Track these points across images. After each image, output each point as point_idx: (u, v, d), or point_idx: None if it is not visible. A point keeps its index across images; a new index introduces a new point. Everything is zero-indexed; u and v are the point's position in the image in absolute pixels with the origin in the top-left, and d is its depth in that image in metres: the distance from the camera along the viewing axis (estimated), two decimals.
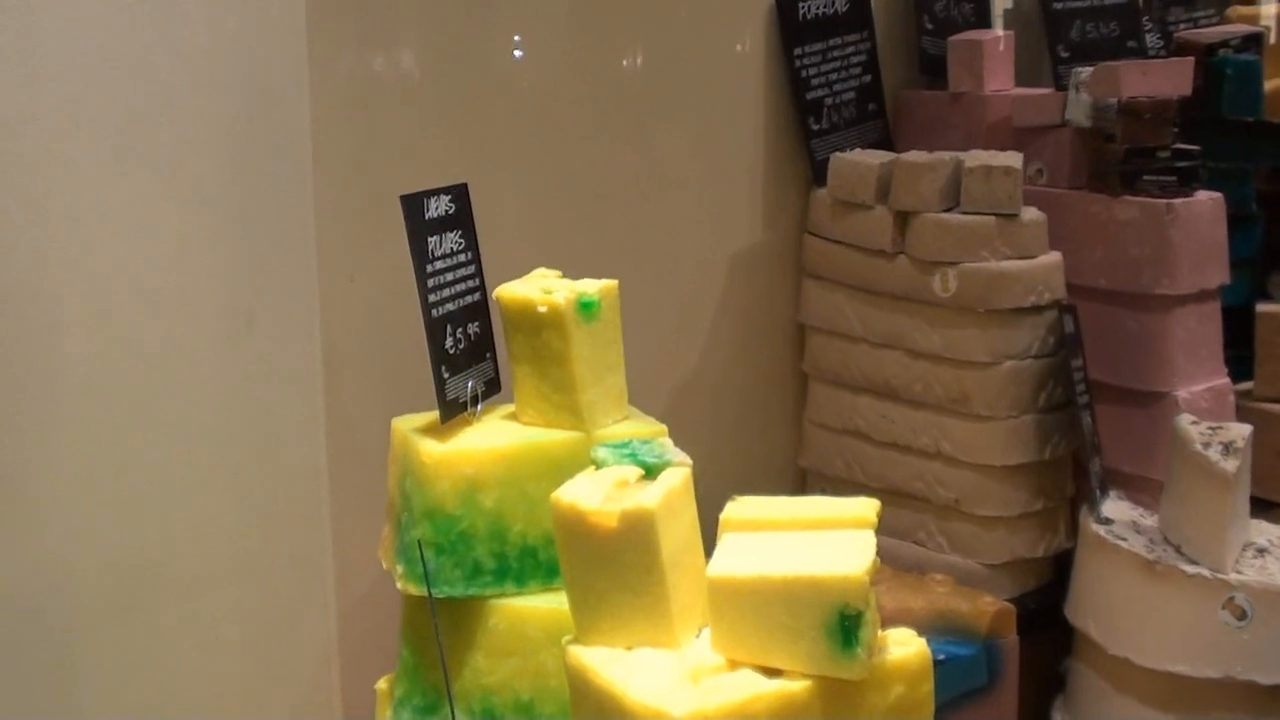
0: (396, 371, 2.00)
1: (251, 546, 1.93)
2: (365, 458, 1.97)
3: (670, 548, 1.50)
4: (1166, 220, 2.46)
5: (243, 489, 1.91)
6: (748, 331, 2.69)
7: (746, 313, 2.68)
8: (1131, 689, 2.28)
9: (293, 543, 1.96)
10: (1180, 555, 2.26)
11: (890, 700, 1.51)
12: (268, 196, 1.87)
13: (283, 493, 1.94)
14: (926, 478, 2.53)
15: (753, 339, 2.70)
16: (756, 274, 2.67)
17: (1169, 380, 2.51)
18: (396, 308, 1.98)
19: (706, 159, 2.56)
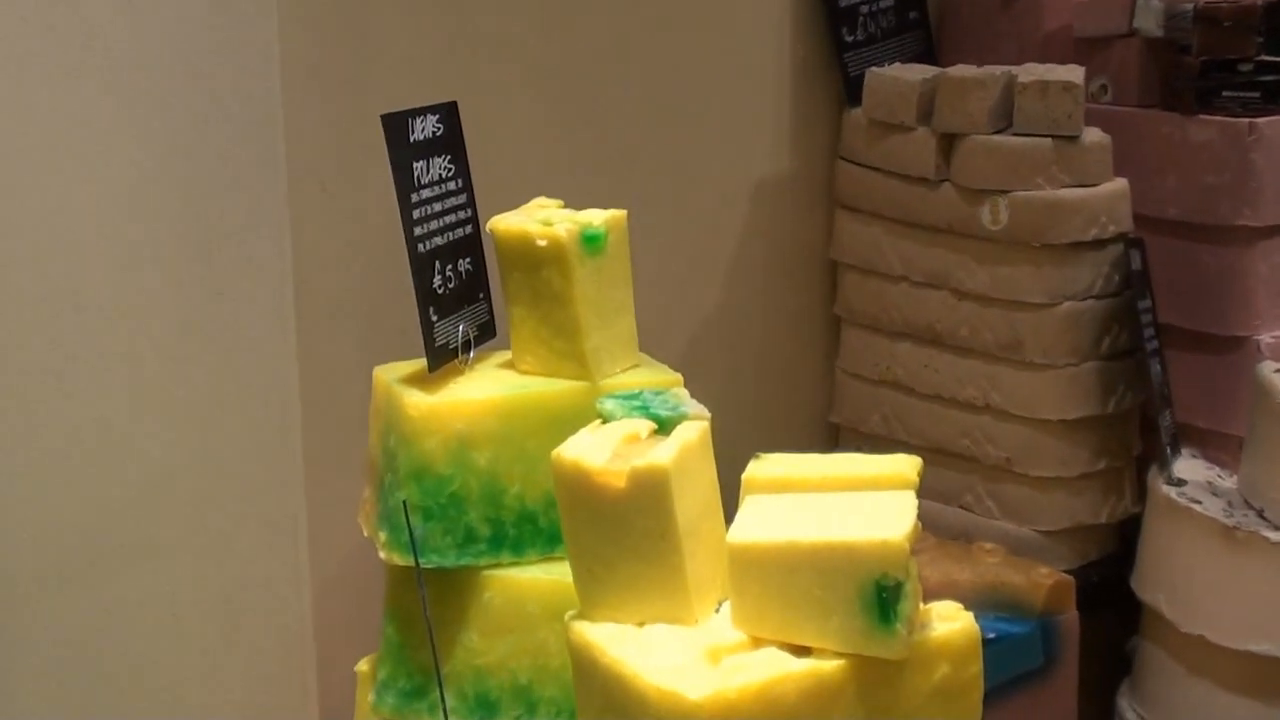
0: (378, 315, 2.01)
1: (213, 509, 1.94)
2: (343, 411, 1.98)
3: (686, 511, 1.51)
4: (1249, 142, 2.46)
5: (203, 445, 1.92)
6: (773, 270, 2.69)
7: (771, 249, 2.68)
8: (1208, 671, 2.31)
9: (261, 505, 1.97)
10: (1263, 520, 2.28)
11: (934, 682, 1.52)
12: (232, 115, 1.88)
13: (249, 449, 1.96)
14: (974, 434, 2.54)
15: (778, 278, 2.71)
16: (782, 205, 2.68)
17: (1250, 323, 2.51)
18: (378, 242, 1.98)
19: (726, 76, 2.56)
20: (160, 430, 1.89)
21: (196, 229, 1.88)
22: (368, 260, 2.03)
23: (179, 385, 1.90)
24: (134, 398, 1.87)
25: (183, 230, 1.87)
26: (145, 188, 1.83)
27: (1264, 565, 2.23)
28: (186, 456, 1.91)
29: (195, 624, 1.94)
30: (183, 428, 1.91)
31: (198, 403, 1.92)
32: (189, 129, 1.85)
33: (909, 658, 1.49)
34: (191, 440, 1.92)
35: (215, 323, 1.92)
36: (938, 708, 1.53)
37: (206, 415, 1.93)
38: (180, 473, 1.92)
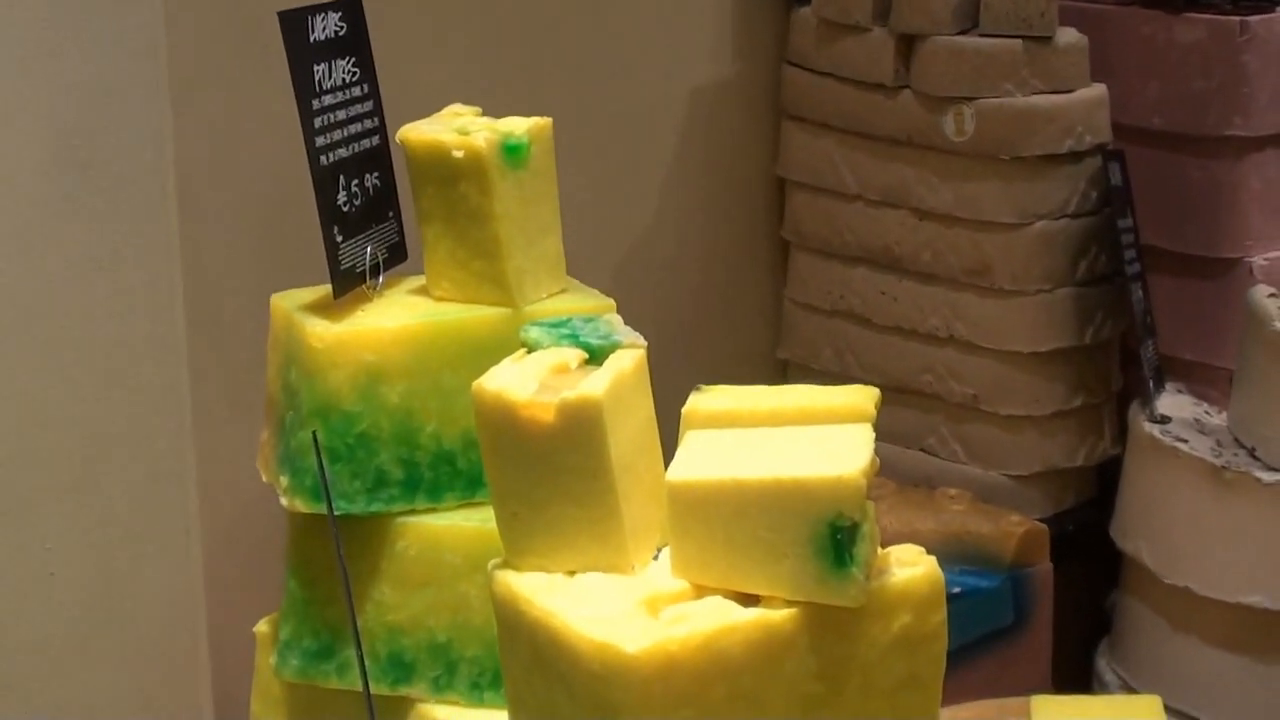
0: (274, 237, 2.03)
1: (91, 455, 1.95)
2: (236, 344, 2.01)
3: (621, 448, 1.53)
4: (1240, 42, 2.50)
5: (78, 382, 1.93)
6: (713, 188, 2.73)
7: (711, 164, 2.72)
8: (1194, 625, 2.36)
9: (144, 451, 1.98)
10: (1255, 460, 2.32)
11: (894, 632, 1.55)
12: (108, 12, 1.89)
13: (130, 387, 1.96)
14: (937, 369, 2.58)
15: (719, 198, 2.75)
16: (723, 115, 2.71)
17: (1242, 243, 2.56)
18: (271, 155, 1.99)
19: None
20: (29, 369, 1.89)
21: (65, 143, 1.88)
22: (262, 176, 2.05)
23: (50, 319, 1.91)
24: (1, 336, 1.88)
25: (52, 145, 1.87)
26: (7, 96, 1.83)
27: (1256, 509, 2.29)
28: (59, 398, 1.92)
29: (72, 582, 1.96)
30: (55, 365, 1.92)
31: (71, 338, 1.92)
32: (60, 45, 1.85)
33: (866, 606, 1.51)
34: (65, 380, 1.92)
35: (89, 250, 1.92)
36: (898, 659, 1.56)
37: (82, 350, 1.94)
38: (52, 416, 1.92)
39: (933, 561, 1.60)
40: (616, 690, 1.44)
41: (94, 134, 1.90)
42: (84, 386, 1.94)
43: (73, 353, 1.93)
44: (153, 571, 2.03)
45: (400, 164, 1.80)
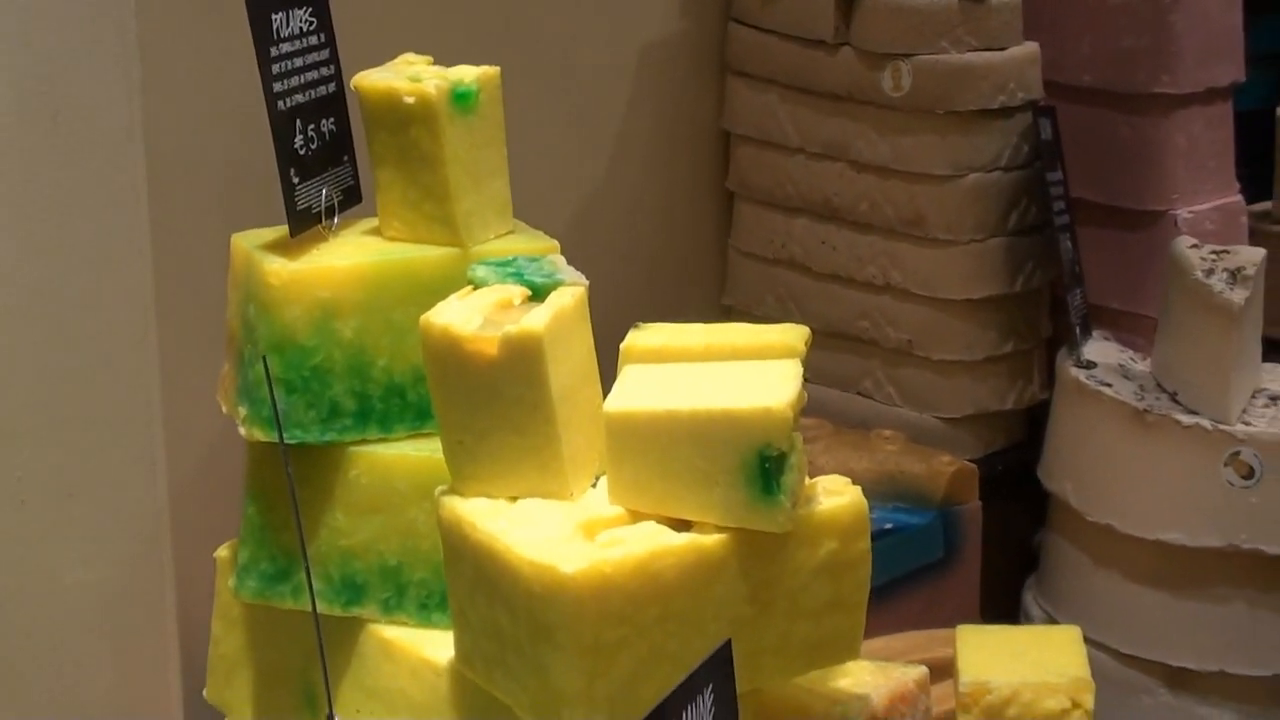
0: (236, 179, 2.06)
1: (61, 390, 1.98)
2: (198, 283, 2.03)
3: (561, 380, 1.57)
4: (1168, 3, 2.54)
5: (47, 321, 1.95)
6: (660, 140, 2.76)
7: (659, 117, 2.74)
8: (1116, 562, 2.40)
9: (111, 384, 2.01)
10: (1176, 404, 2.36)
11: (820, 557, 1.59)
12: None
13: (98, 325, 1.99)
14: (873, 315, 2.62)
15: (666, 150, 2.77)
16: (671, 70, 2.74)
17: (1168, 197, 2.60)
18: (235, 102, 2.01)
19: None
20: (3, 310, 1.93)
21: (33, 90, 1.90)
22: (226, 121, 2.07)
23: (18, 260, 1.93)
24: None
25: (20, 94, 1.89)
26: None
27: (1176, 450, 2.33)
28: (30, 337, 1.95)
29: (41, 513, 1.99)
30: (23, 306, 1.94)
31: (43, 280, 1.94)
32: None
33: (794, 532, 1.55)
34: (34, 319, 1.95)
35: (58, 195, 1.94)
36: (824, 584, 1.60)
37: (50, 292, 1.96)
38: (22, 353, 1.95)
39: (858, 491, 1.62)
40: (553, 609, 1.47)
41: (61, 83, 1.92)
42: (53, 325, 1.96)
43: (41, 293, 1.95)
44: (120, 500, 2.06)
45: (356, 111, 1.83)
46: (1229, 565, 2.33)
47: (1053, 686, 1.98)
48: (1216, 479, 2.31)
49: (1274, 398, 2.41)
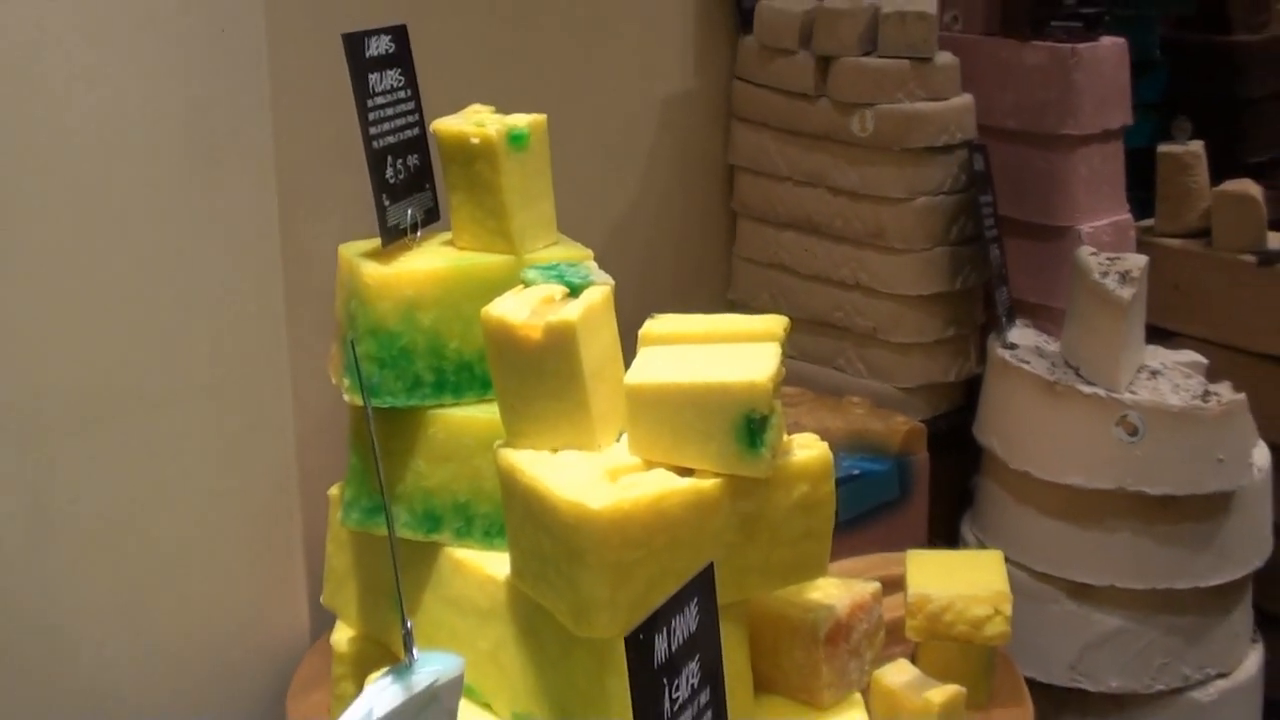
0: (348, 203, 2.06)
1: (214, 366, 1.99)
2: (319, 284, 2.02)
3: (591, 358, 1.56)
4: (1071, 64, 2.53)
5: (204, 311, 1.97)
6: (681, 171, 2.75)
7: (680, 153, 2.73)
8: (1031, 500, 2.40)
9: (253, 360, 2.02)
10: (1079, 377, 2.36)
11: (794, 498, 1.59)
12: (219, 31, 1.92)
13: (242, 314, 2.00)
14: (846, 307, 2.61)
15: (682, 178, 2.76)
16: (689, 116, 2.73)
17: (1072, 215, 2.59)
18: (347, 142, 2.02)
19: (639, 6, 2.61)
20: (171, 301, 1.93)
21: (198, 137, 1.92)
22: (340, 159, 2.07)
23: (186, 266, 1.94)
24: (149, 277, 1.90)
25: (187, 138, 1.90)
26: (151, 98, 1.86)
27: (1078, 413, 2.32)
28: (191, 323, 1.95)
29: (201, 461, 2.00)
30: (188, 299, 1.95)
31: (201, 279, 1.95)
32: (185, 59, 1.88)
33: (773, 477, 1.55)
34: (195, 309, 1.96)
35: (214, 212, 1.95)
36: (797, 519, 1.60)
37: (208, 289, 1.97)
38: (186, 336, 1.96)
39: (825, 446, 1.62)
40: (584, 537, 1.48)
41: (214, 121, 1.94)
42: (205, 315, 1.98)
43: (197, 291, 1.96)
44: (259, 452, 2.07)
45: (434, 148, 1.82)
46: (1119, 503, 2.32)
47: (980, 598, 1.99)
48: (1109, 435, 2.30)
49: (1154, 372, 2.41)
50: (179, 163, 1.91)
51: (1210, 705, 2.39)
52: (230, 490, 2.05)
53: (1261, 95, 2.93)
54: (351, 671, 1.90)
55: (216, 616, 2.07)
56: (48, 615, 1.89)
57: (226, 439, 2.03)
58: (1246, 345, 2.60)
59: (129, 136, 1.85)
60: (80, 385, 1.87)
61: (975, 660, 2.02)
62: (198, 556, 2.03)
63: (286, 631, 2.15)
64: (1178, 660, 2.36)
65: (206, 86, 1.92)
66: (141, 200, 1.88)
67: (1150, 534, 2.32)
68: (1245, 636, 2.45)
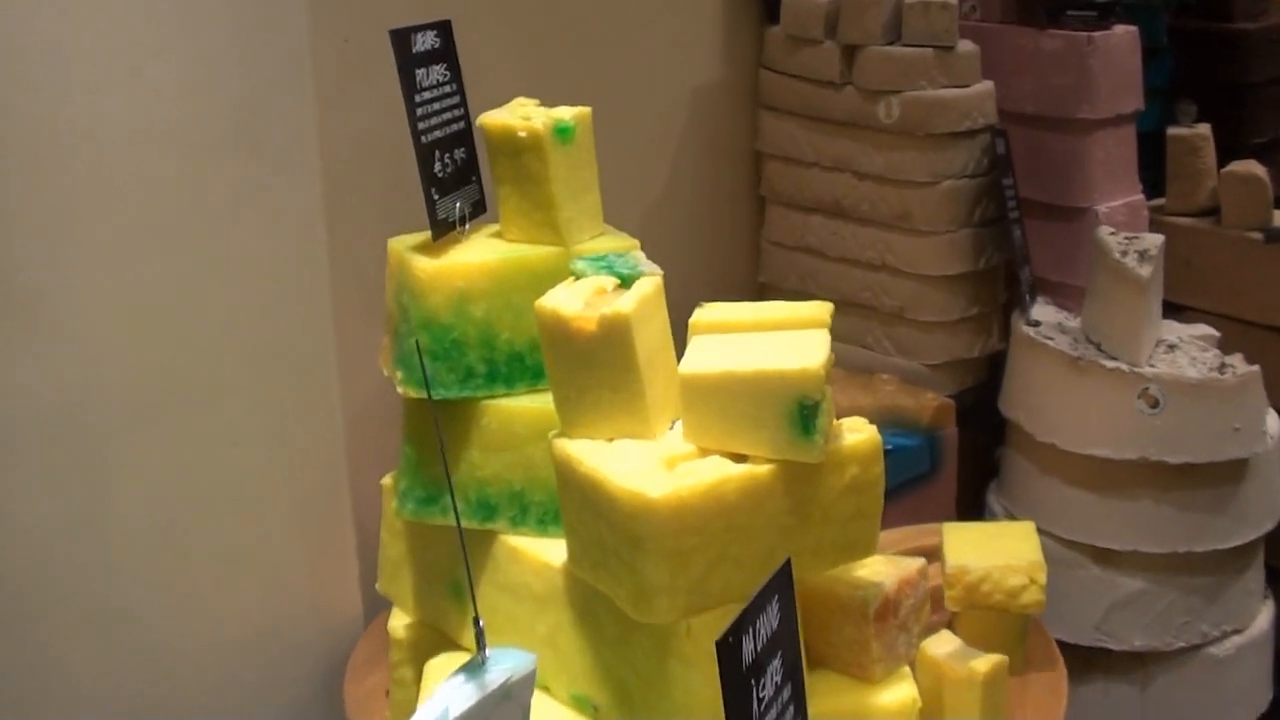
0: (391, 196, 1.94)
1: (263, 358, 1.88)
2: (364, 277, 1.92)
3: (644, 348, 1.46)
4: (1087, 51, 2.41)
5: (252, 306, 1.86)
6: (711, 159, 2.63)
7: (710, 142, 2.61)
8: (1057, 471, 2.28)
9: (301, 354, 1.91)
10: (1100, 352, 2.25)
11: (845, 481, 1.49)
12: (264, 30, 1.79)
13: (289, 309, 1.89)
14: (873, 288, 2.49)
15: (713, 166, 2.64)
16: (718, 106, 2.60)
17: (1089, 196, 2.47)
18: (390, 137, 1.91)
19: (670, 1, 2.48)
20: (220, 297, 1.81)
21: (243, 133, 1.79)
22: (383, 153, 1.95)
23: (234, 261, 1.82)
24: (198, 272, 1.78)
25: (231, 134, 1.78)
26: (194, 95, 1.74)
27: (1101, 387, 2.21)
28: (240, 317, 1.84)
29: (252, 448, 1.88)
30: (236, 294, 1.83)
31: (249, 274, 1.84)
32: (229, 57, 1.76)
33: (825, 462, 1.45)
34: (243, 304, 1.85)
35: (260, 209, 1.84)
36: (848, 501, 1.50)
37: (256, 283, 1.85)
38: (236, 330, 1.85)
39: (874, 429, 1.55)
40: (644, 524, 1.38)
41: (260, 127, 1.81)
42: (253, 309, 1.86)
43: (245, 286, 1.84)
44: (308, 440, 1.96)
45: (480, 142, 1.70)
46: (1140, 472, 2.21)
47: (1015, 568, 1.89)
48: (1131, 408, 2.19)
49: (1171, 346, 2.29)
50: (224, 160, 1.79)
51: (1227, 660, 2.29)
52: (281, 481, 1.93)
53: (1262, 80, 2.82)
54: (410, 657, 1.79)
55: (273, 604, 1.96)
56: (108, 608, 1.79)
57: (276, 431, 1.92)
58: (1254, 318, 2.49)
59: (173, 134, 1.73)
60: (133, 383, 1.76)
61: (1011, 627, 1.92)
62: (252, 546, 1.92)
63: (340, 617, 2.04)
64: (1197, 619, 2.26)
65: (251, 83, 1.80)
66: (188, 198, 1.76)
67: (1170, 500, 2.21)
68: (1258, 594, 2.35)
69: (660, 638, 1.45)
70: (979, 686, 1.71)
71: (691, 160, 2.59)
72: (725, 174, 2.65)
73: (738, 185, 2.68)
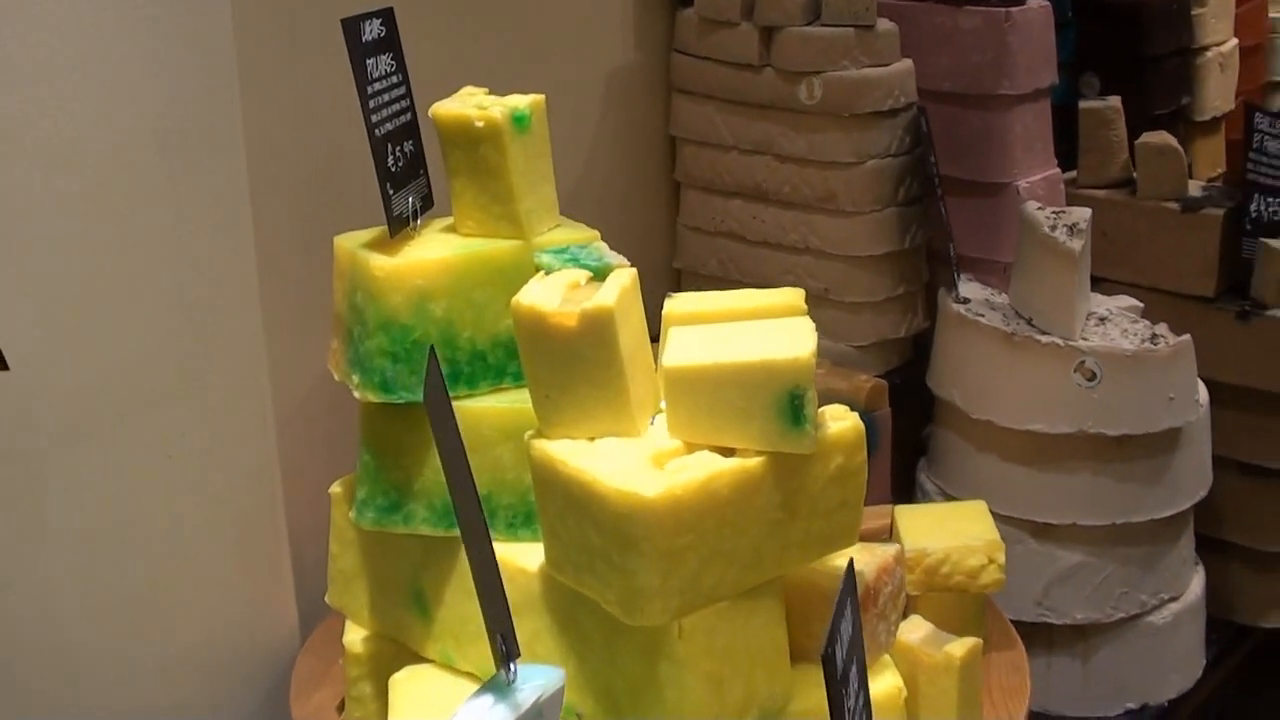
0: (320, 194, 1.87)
1: (193, 368, 1.79)
2: (294, 278, 1.84)
3: (626, 343, 1.42)
4: (1006, 27, 2.42)
5: (181, 313, 1.76)
6: (624, 144, 2.58)
7: (622, 127, 2.56)
8: (994, 447, 2.28)
9: (232, 360, 1.82)
10: (1033, 327, 2.25)
11: (831, 470, 1.46)
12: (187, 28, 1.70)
13: (219, 314, 1.79)
14: (797, 271, 2.47)
15: (626, 151, 2.59)
16: (630, 91, 2.56)
17: (1010, 172, 2.48)
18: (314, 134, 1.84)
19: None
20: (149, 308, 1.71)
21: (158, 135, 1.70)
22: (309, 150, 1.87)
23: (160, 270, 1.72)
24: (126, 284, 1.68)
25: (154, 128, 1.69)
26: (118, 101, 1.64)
27: (1037, 362, 2.21)
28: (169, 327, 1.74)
29: (185, 463, 1.79)
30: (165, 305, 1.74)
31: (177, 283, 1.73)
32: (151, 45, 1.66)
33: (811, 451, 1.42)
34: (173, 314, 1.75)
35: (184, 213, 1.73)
36: (834, 491, 1.47)
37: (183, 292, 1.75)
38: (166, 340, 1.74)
39: (856, 416, 1.52)
40: (638, 524, 1.34)
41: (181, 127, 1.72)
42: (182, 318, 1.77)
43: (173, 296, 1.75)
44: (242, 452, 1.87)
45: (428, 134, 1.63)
46: (1078, 445, 2.21)
47: (974, 548, 1.89)
48: (1068, 382, 2.19)
49: (1102, 319, 2.30)
50: (148, 162, 1.69)
51: (1165, 627, 2.32)
52: (216, 493, 1.84)
53: (1163, 53, 2.85)
54: (368, 672, 1.72)
55: (209, 621, 1.87)
56: (43, 629, 1.69)
57: (209, 440, 1.82)
58: (1173, 288, 2.50)
59: (93, 137, 1.63)
60: (62, 399, 1.66)
61: (970, 608, 1.91)
62: (187, 562, 1.83)
63: (277, 632, 1.96)
64: (1135, 589, 2.28)
65: (176, 81, 1.70)
66: (109, 204, 1.66)
67: (1108, 472, 2.22)
68: (1190, 561, 2.39)
69: (650, 640, 1.41)
70: (956, 671, 1.70)
71: (604, 147, 2.54)
72: (639, 160, 2.61)
73: (651, 171, 2.64)
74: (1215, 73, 3.00)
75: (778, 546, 1.45)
